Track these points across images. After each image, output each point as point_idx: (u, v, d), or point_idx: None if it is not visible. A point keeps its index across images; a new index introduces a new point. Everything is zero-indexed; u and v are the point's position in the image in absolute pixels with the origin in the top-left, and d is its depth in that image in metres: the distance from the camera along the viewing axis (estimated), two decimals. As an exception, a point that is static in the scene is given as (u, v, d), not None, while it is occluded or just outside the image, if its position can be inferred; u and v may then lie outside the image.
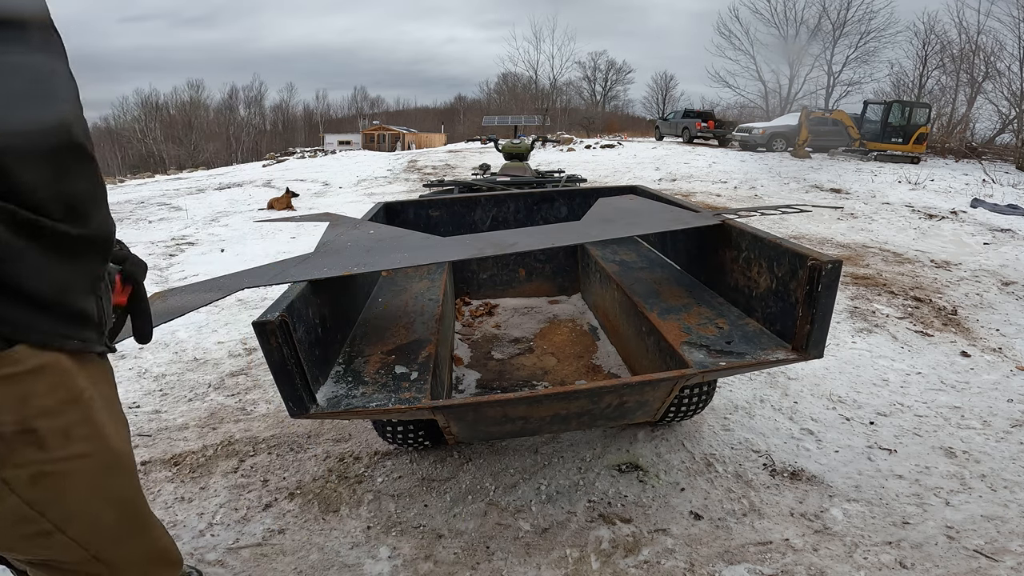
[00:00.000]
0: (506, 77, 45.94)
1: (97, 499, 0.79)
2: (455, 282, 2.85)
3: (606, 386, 1.33)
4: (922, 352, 2.84)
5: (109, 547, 0.83)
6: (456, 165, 12.93)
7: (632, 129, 30.80)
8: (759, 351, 1.45)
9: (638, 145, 17.51)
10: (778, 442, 2.02)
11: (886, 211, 6.93)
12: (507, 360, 2.39)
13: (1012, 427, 2.15)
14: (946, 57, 22.55)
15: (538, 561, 1.49)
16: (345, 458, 1.96)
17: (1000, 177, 10.81)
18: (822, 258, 1.32)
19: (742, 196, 8.31)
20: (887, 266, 4.46)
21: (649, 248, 2.52)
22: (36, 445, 0.70)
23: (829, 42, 29.91)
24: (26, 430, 0.69)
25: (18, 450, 0.69)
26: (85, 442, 0.76)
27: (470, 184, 4.25)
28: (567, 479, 1.80)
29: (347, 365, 1.52)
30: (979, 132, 19.26)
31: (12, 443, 0.69)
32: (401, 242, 1.82)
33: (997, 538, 1.57)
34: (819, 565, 1.47)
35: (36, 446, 0.71)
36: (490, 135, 6.45)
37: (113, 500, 0.82)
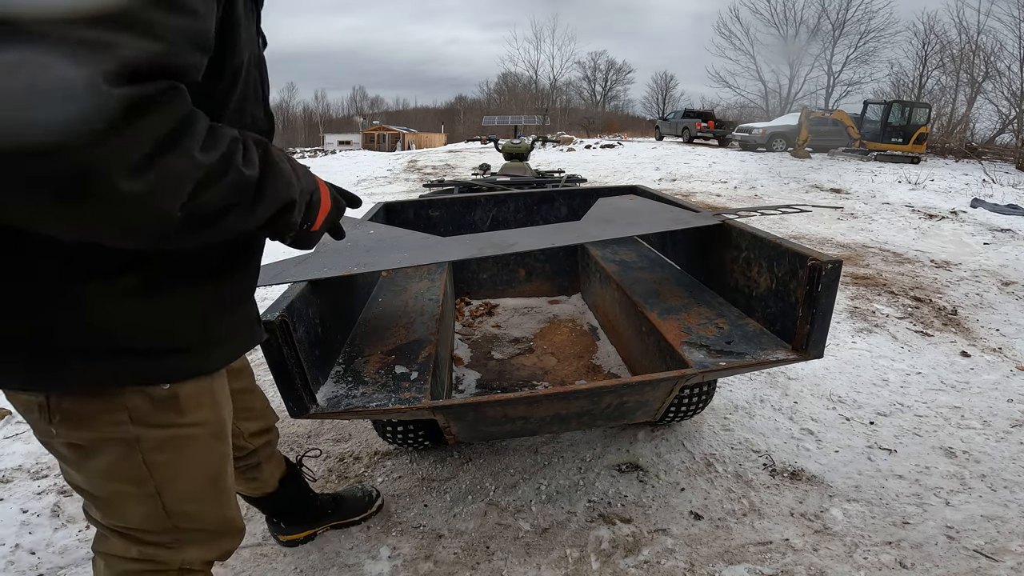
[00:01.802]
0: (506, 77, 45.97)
1: (199, 465, 0.87)
2: (455, 282, 2.85)
3: (606, 386, 1.33)
4: (922, 352, 2.84)
5: (189, 516, 0.88)
6: (456, 165, 12.93)
7: (632, 129, 30.80)
8: (759, 351, 1.45)
9: (638, 145, 17.51)
10: (778, 442, 2.02)
11: (886, 211, 6.93)
12: (507, 360, 2.39)
13: (1012, 427, 2.15)
14: (946, 57, 22.57)
15: (538, 561, 1.49)
16: (345, 458, 1.96)
17: (1000, 177, 10.81)
18: (822, 258, 1.32)
19: (742, 196, 8.31)
20: (887, 266, 4.46)
21: (649, 248, 2.52)
22: (176, 411, 0.80)
23: (829, 42, 29.94)
24: (172, 395, 0.79)
25: (161, 413, 0.78)
26: (209, 409, 0.85)
27: (470, 184, 4.24)
28: (567, 479, 1.80)
29: (347, 365, 1.52)
30: (979, 132, 19.27)
31: (160, 406, 0.78)
32: (401, 242, 1.81)
33: (997, 538, 1.57)
34: (819, 565, 1.47)
35: (176, 411, 0.80)
36: (490, 135, 6.44)
37: (210, 467, 0.89)
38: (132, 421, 0.77)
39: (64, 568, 1.49)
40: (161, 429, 0.79)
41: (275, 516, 1.51)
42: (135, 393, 0.76)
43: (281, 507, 1.48)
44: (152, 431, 0.79)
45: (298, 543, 1.55)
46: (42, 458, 1.97)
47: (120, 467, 0.79)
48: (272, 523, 1.54)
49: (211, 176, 0.56)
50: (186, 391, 0.80)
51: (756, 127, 16.51)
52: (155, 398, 0.77)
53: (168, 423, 0.80)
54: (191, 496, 0.87)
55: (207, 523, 0.92)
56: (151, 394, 0.77)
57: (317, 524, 1.57)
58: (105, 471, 0.80)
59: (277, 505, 1.47)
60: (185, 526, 0.88)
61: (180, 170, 0.52)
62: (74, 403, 0.74)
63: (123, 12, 0.46)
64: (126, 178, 0.48)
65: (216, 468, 0.91)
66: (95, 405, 0.75)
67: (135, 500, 0.83)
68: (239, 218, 0.63)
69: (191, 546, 0.91)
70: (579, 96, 46.22)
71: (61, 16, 0.42)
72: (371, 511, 1.64)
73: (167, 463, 0.82)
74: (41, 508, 1.70)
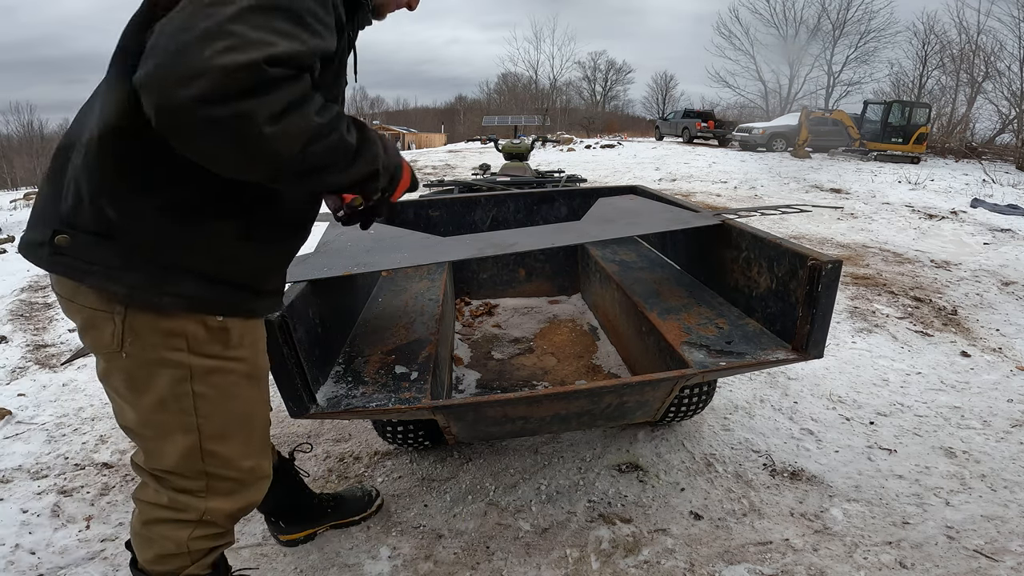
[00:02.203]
0: (506, 77, 45.95)
1: (237, 402, 0.97)
2: (455, 282, 2.85)
3: (606, 386, 1.33)
4: (922, 352, 2.84)
5: (220, 459, 0.98)
6: (456, 165, 12.93)
7: (632, 129, 30.80)
8: (759, 351, 1.45)
9: (638, 145, 17.52)
10: (778, 442, 2.02)
11: (886, 211, 6.93)
12: (507, 360, 2.39)
13: (1012, 427, 2.15)
14: (946, 57, 22.56)
15: (538, 561, 1.49)
16: (345, 458, 1.96)
17: (1000, 177, 10.82)
18: (822, 258, 1.32)
19: (742, 196, 8.31)
20: (887, 266, 4.46)
21: (649, 248, 2.52)
22: (224, 343, 0.93)
23: (829, 42, 29.94)
24: (223, 328, 0.92)
25: (212, 343, 0.91)
26: (250, 349, 0.98)
27: (470, 184, 4.24)
28: (567, 479, 1.80)
29: (347, 365, 1.52)
30: (979, 132, 19.27)
31: (212, 335, 0.91)
32: (401, 242, 1.82)
33: (997, 538, 1.57)
34: (819, 565, 1.47)
35: (223, 343, 0.93)
36: (490, 135, 6.44)
37: (245, 407, 0.99)
38: (188, 348, 0.89)
39: (64, 568, 1.49)
40: (209, 359, 0.92)
41: (272, 512, 1.51)
42: (195, 321, 0.89)
43: (277, 502, 1.48)
44: (202, 360, 0.91)
45: (298, 543, 1.55)
46: (42, 458, 1.97)
47: (170, 398, 0.91)
48: (271, 522, 1.54)
49: (321, 134, 0.76)
50: (235, 326, 0.94)
51: (756, 127, 16.52)
52: (209, 327, 0.90)
53: (216, 354, 0.92)
54: (225, 434, 0.97)
55: (235, 470, 1.00)
56: (207, 323, 0.90)
57: (316, 524, 1.57)
58: (157, 403, 0.91)
59: (273, 499, 1.45)
60: (215, 471, 0.98)
61: (301, 124, 0.74)
62: (146, 322, 0.87)
63: (283, 27, 0.72)
64: (267, 124, 0.70)
65: (250, 409, 1.01)
66: (164, 325, 0.87)
67: (178, 434, 0.93)
68: (336, 174, 0.83)
69: (216, 496, 1.00)
70: (579, 96, 46.23)
71: (250, 26, 0.70)
72: (371, 511, 1.65)
73: (210, 397, 0.93)
74: (41, 508, 1.70)
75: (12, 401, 2.37)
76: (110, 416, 2.26)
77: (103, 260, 0.83)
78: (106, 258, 0.83)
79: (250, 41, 0.69)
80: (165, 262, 0.85)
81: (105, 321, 0.87)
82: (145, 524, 1.02)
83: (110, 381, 0.94)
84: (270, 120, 0.71)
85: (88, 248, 0.83)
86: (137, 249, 0.84)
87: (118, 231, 0.83)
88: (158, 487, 0.99)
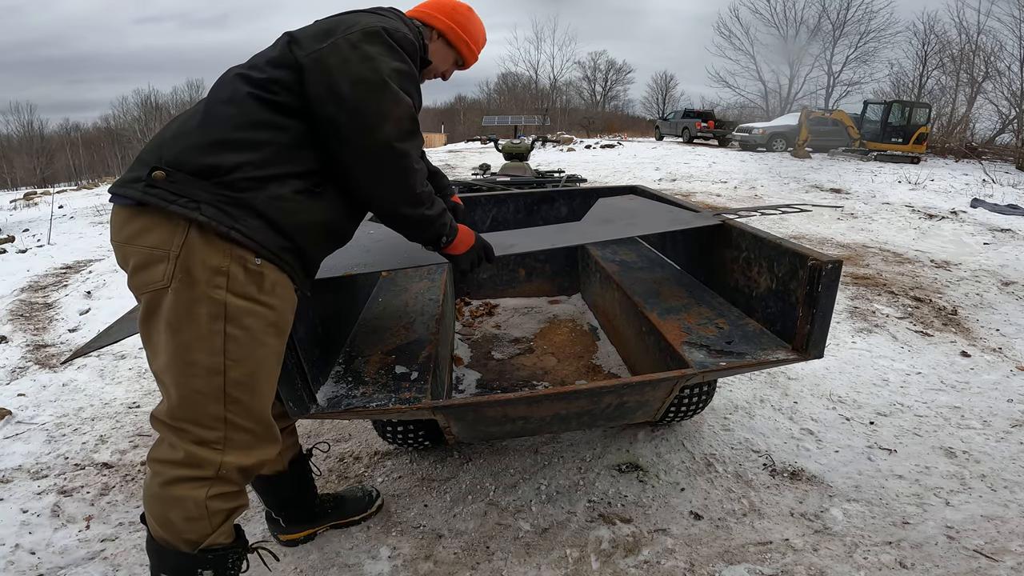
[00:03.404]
0: (506, 77, 45.91)
1: (261, 349, 1.05)
2: (455, 282, 2.85)
3: (606, 386, 1.33)
4: (922, 352, 2.84)
5: (240, 407, 1.05)
6: (456, 165, 12.94)
7: (632, 129, 30.77)
8: (759, 351, 1.45)
9: (638, 145, 17.52)
10: (778, 442, 2.02)
11: (886, 211, 6.92)
12: (507, 360, 2.39)
13: (1012, 427, 2.15)
14: (946, 57, 22.52)
15: (538, 561, 1.49)
16: (345, 458, 1.96)
17: (1000, 177, 10.81)
18: (822, 258, 1.32)
19: (742, 196, 8.31)
20: (887, 266, 4.46)
21: (649, 248, 2.52)
22: (258, 285, 1.03)
23: (829, 42, 29.89)
24: (260, 272, 1.03)
25: (248, 283, 1.01)
26: (280, 299, 1.07)
27: (470, 184, 4.24)
28: (567, 479, 1.80)
29: (347, 365, 1.52)
30: (979, 132, 19.25)
31: (249, 276, 1.01)
32: (401, 242, 1.81)
33: (997, 538, 1.57)
34: (819, 565, 1.47)
35: (258, 286, 1.03)
36: (490, 135, 6.44)
37: (268, 356, 1.07)
38: (228, 287, 0.99)
39: (64, 568, 1.49)
40: (244, 300, 1.01)
41: (277, 505, 1.51)
42: (238, 262, 1.00)
43: (285, 493, 1.48)
44: (237, 300, 1.00)
45: (298, 543, 1.55)
46: (42, 458, 1.97)
47: (205, 334, 0.99)
48: (272, 521, 1.54)
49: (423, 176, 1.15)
50: (270, 273, 1.04)
51: (756, 127, 16.50)
52: (248, 269, 1.01)
53: (251, 295, 1.02)
54: (248, 381, 1.04)
55: (252, 421, 1.07)
56: (247, 265, 1.01)
57: (317, 523, 1.57)
58: (191, 341, 0.99)
59: (282, 489, 1.47)
60: (233, 419, 1.04)
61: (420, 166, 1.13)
62: (197, 259, 0.97)
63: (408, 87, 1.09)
64: (416, 161, 1.11)
65: (272, 361, 1.09)
66: (212, 262, 0.98)
67: (204, 376, 1.01)
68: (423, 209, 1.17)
69: (232, 450, 1.06)
70: (579, 96, 46.18)
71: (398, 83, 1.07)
72: (371, 511, 1.65)
73: (239, 339, 1.01)
74: (41, 508, 1.70)
75: (12, 401, 2.37)
76: (110, 416, 2.26)
77: (190, 194, 0.97)
78: (193, 193, 0.97)
79: (401, 95, 1.05)
80: (243, 203, 1.00)
81: (160, 260, 0.98)
82: (163, 485, 1.05)
83: (150, 321, 1.01)
84: (416, 160, 1.09)
85: (180, 184, 0.97)
86: (224, 188, 0.99)
87: (216, 174, 0.99)
88: (175, 440, 1.04)
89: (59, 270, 4.68)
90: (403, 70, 1.06)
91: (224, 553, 1.10)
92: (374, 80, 1.02)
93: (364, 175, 1.07)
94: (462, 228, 1.32)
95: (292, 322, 1.13)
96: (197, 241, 0.98)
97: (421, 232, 1.22)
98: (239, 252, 1.00)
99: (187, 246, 0.97)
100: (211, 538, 1.07)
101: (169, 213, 0.96)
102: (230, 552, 1.11)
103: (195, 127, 1.03)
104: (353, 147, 1.03)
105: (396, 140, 1.03)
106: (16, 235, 6.57)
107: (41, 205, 9.85)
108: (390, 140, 1.02)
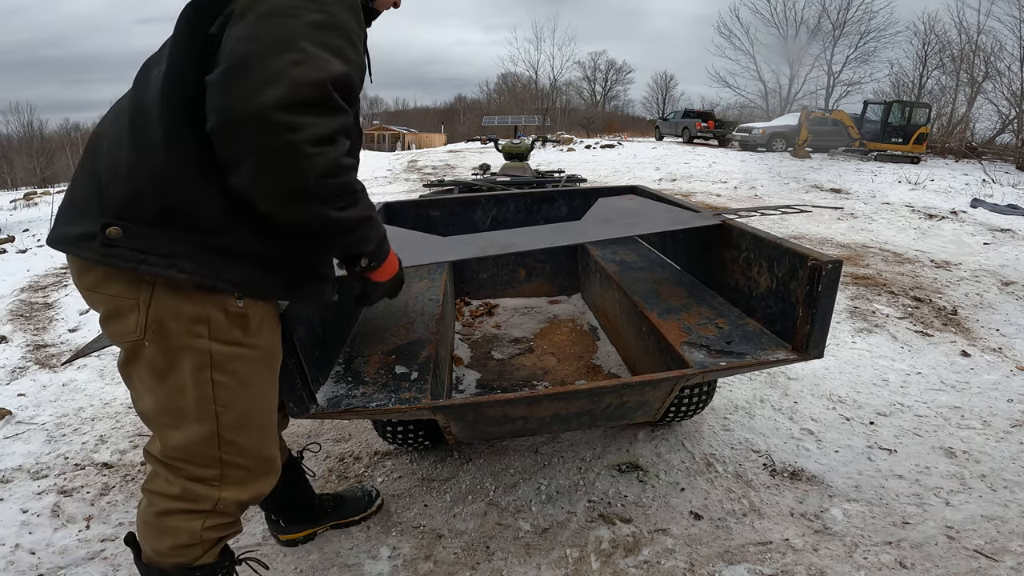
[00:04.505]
0: (506, 77, 45.92)
1: (253, 390, 0.99)
2: (455, 282, 2.85)
3: (606, 386, 1.32)
4: (922, 352, 2.84)
5: (236, 447, 1.00)
6: (456, 165, 12.93)
7: (632, 129, 30.77)
8: (759, 351, 1.45)
9: (638, 145, 17.51)
10: (778, 442, 2.02)
11: (886, 211, 6.92)
12: (507, 360, 2.39)
13: (1012, 427, 2.15)
14: (946, 57, 22.53)
15: (538, 561, 1.49)
16: (345, 458, 1.96)
17: (1000, 177, 10.81)
18: (822, 258, 1.32)
19: (742, 196, 8.30)
20: (887, 266, 4.46)
21: (649, 248, 2.52)
22: (243, 328, 0.95)
23: (829, 42, 29.91)
24: (243, 314, 0.94)
25: (232, 328, 0.93)
26: (266, 336, 1.00)
27: (470, 184, 4.24)
28: (567, 479, 1.80)
29: (347, 365, 1.52)
30: (979, 132, 19.25)
31: (232, 321, 0.93)
32: (401, 242, 1.81)
33: (997, 538, 1.57)
34: (819, 565, 1.47)
35: (242, 329, 0.95)
36: (490, 135, 6.44)
37: (261, 395, 1.02)
38: (210, 335, 0.91)
39: (64, 568, 1.49)
40: (230, 346, 0.94)
41: (274, 509, 1.51)
42: (217, 307, 0.91)
43: (280, 497, 1.47)
44: (222, 347, 0.93)
45: (297, 543, 1.55)
46: (42, 458, 1.97)
47: (190, 385, 0.92)
48: (272, 522, 1.54)
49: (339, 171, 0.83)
50: (254, 313, 0.96)
51: (756, 127, 16.50)
52: (230, 313, 0.92)
53: (236, 340, 0.94)
54: (242, 423, 0.99)
55: (249, 459, 1.02)
56: (228, 309, 0.92)
57: (316, 523, 1.57)
58: (177, 391, 0.93)
59: (277, 494, 1.46)
60: (229, 459, 1.00)
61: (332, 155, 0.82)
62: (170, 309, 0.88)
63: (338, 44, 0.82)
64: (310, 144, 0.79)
65: (266, 398, 1.03)
66: (188, 311, 0.89)
67: (196, 422, 0.95)
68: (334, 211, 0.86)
69: (229, 485, 1.02)
70: (579, 96, 46.18)
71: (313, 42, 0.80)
72: (371, 511, 1.65)
73: (229, 385, 0.95)
74: (41, 508, 1.70)
75: (12, 401, 2.37)
76: (110, 416, 2.26)
77: (159, 249, 0.85)
78: (162, 248, 0.85)
79: (315, 57, 0.78)
80: (224, 248, 0.88)
81: (130, 309, 0.88)
82: (158, 515, 1.02)
83: (131, 369, 0.95)
84: (314, 141, 0.78)
85: (142, 238, 0.85)
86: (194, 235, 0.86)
87: (178, 219, 0.85)
88: (171, 476, 1.00)
89: (59, 270, 4.68)
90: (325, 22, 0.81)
91: (213, 567, 1.09)
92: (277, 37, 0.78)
93: (231, 161, 0.80)
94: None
95: (281, 347, 1.07)
96: (166, 292, 0.88)
97: (329, 240, 0.94)
98: (218, 297, 0.91)
99: (156, 297, 0.88)
100: (200, 560, 1.06)
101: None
102: (218, 567, 1.10)
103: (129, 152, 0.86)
104: (219, 116, 0.77)
105: (278, 109, 0.75)
106: (16, 235, 6.57)
107: (41, 205, 9.84)
108: (268, 107, 0.75)
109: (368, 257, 1.00)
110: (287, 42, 0.77)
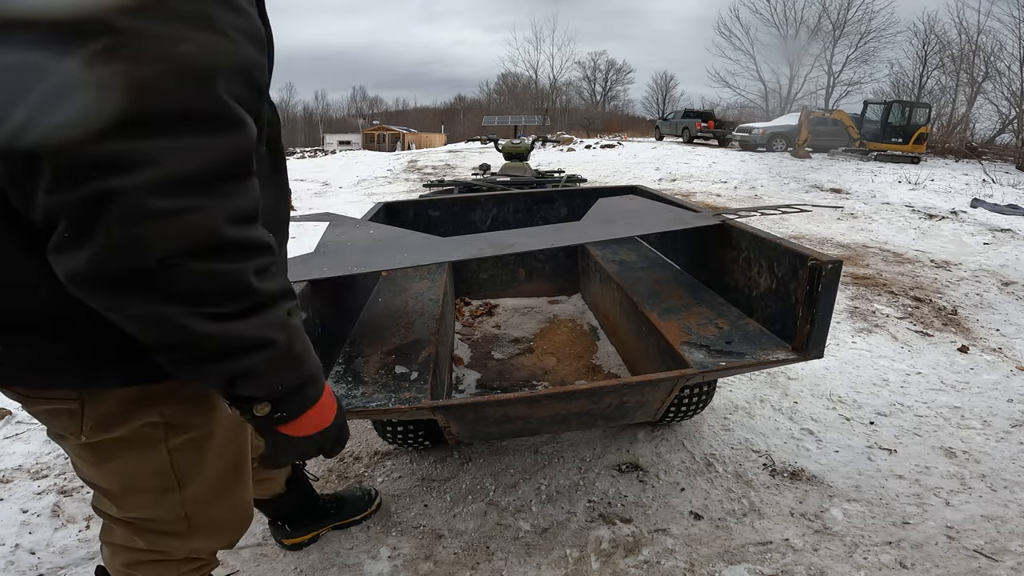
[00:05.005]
0: (506, 77, 45.94)
1: (222, 457, 0.86)
2: (455, 282, 2.85)
3: (606, 386, 1.32)
4: (922, 352, 2.84)
5: (203, 506, 0.87)
6: (456, 165, 12.93)
7: (632, 129, 30.77)
8: (759, 351, 1.45)
9: (638, 145, 17.51)
10: (778, 442, 2.02)
11: (886, 211, 6.92)
12: (507, 360, 2.39)
13: (1012, 427, 2.15)
14: (946, 57, 22.58)
15: (538, 561, 1.49)
16: (345, 458, 1.96)
17: (1000, 177, 10.81)
18: (822, 258, 1.32)
19: (742, 196, 8.31)
20: (887, 266, 4.46)
21: (649, 248, 2.52)
22: (206, 406, 0.79)
23: (829, 42, 29.94)
24: (206, 395, 0.77)
25: (192, 414, 0.78)
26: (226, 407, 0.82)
27: (470, 184, 4.24)
28: (567, 479, 1.80)
29: (347, 365, 1.52)
30: (979, 132, 19.29)
31: (195, 405, 0.78)
32: (401, 242, 1.81)
33: (997, 538, 1.57)
34: (819, 565, 1.47)
35: (206, 407, 0.79)
36: (490, 135, 6.43)
37: (231, 457, 0.88)
38: (164, 424, 0.76)
39: (64, 568, 1.49)
40: (187, 431, 0.79)
41: (280, 518, 1.51)
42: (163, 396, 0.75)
43: (287, 508, 1.49)
44: (180, 433, 0.78)
45: (302, 546, 1.55)
46: (42, 458, 1.97)
47: (143, 465, 0.78)
48: (276, 527, 1.54)
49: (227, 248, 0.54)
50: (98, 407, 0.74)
51: (756, 127, 16.50)
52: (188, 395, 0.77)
53: (196, 423, 0.79)
54: (210, 489, 0.86)
55: (220, 513, 0.91)
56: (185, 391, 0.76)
57: (320, 525, 1.57)
58: (127, 470, 0.79)
59: (284, 507, 1.48)
60: (198, 517, 0.88)
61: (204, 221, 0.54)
62: (109, 407, 0.72)
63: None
64: (153, 196, 0.51)
65: (236, 456, 0.90)
66: (131, 407, 0.73)
67: (153, 494, 0.82)
68: (204, 313, 0.55)
69: (200, 536, 0.90)
70: (579, 96, 46.22)
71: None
72: (371, 510, 1.65)
73: (192, 460, 0.81)
74: (41, 508, 1.70)
75: (12, 401, 2.37)
76: (110, 416, 2.26)
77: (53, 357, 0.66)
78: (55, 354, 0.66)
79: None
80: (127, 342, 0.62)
81: (59, 413, 0.73)
82: (127, 566, 0.92)
83: (77, 463, 0.82)
84: (163, 189, 0.49)
85: (31, 349, 0.65)
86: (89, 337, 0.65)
87: (63, 322, 0.63)
88: (131, 534, 0.88)
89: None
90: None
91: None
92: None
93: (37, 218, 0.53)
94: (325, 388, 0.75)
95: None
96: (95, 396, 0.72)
97: (188, 366, 0.59)
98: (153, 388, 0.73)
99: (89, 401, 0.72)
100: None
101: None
102: None
103: None
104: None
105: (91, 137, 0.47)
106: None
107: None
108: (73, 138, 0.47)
109: (270, 403, 0.64)
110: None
